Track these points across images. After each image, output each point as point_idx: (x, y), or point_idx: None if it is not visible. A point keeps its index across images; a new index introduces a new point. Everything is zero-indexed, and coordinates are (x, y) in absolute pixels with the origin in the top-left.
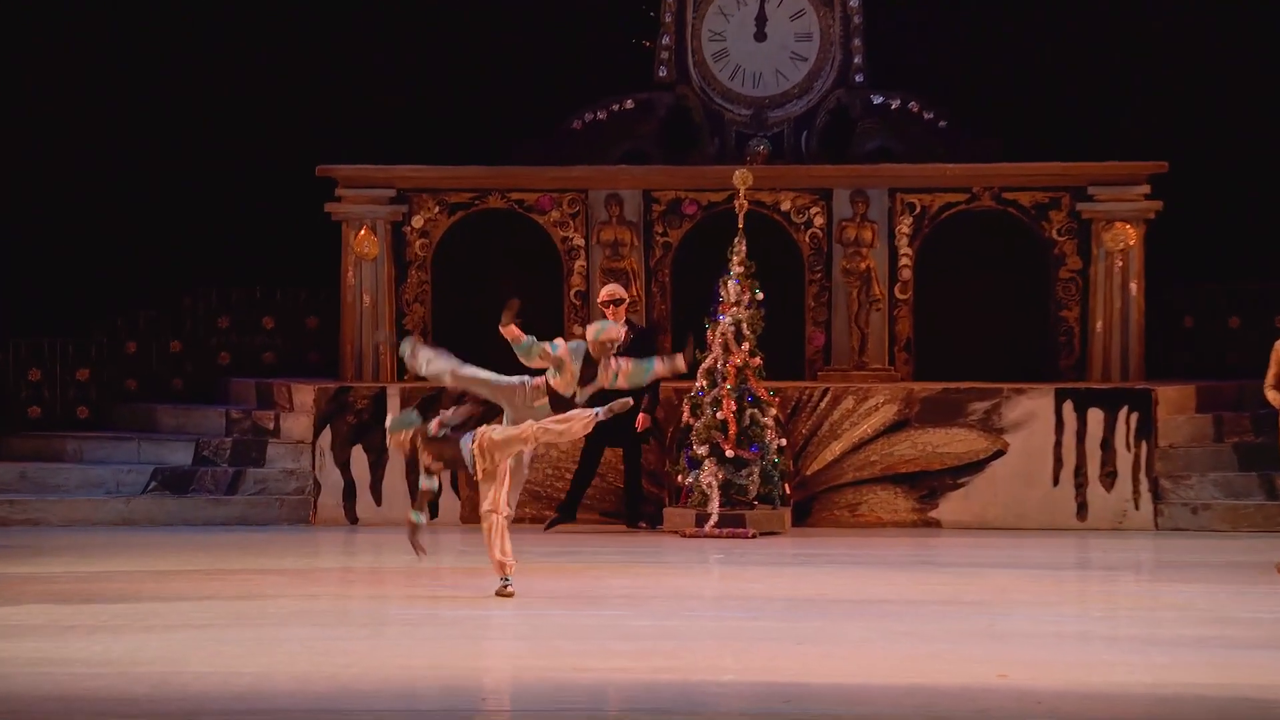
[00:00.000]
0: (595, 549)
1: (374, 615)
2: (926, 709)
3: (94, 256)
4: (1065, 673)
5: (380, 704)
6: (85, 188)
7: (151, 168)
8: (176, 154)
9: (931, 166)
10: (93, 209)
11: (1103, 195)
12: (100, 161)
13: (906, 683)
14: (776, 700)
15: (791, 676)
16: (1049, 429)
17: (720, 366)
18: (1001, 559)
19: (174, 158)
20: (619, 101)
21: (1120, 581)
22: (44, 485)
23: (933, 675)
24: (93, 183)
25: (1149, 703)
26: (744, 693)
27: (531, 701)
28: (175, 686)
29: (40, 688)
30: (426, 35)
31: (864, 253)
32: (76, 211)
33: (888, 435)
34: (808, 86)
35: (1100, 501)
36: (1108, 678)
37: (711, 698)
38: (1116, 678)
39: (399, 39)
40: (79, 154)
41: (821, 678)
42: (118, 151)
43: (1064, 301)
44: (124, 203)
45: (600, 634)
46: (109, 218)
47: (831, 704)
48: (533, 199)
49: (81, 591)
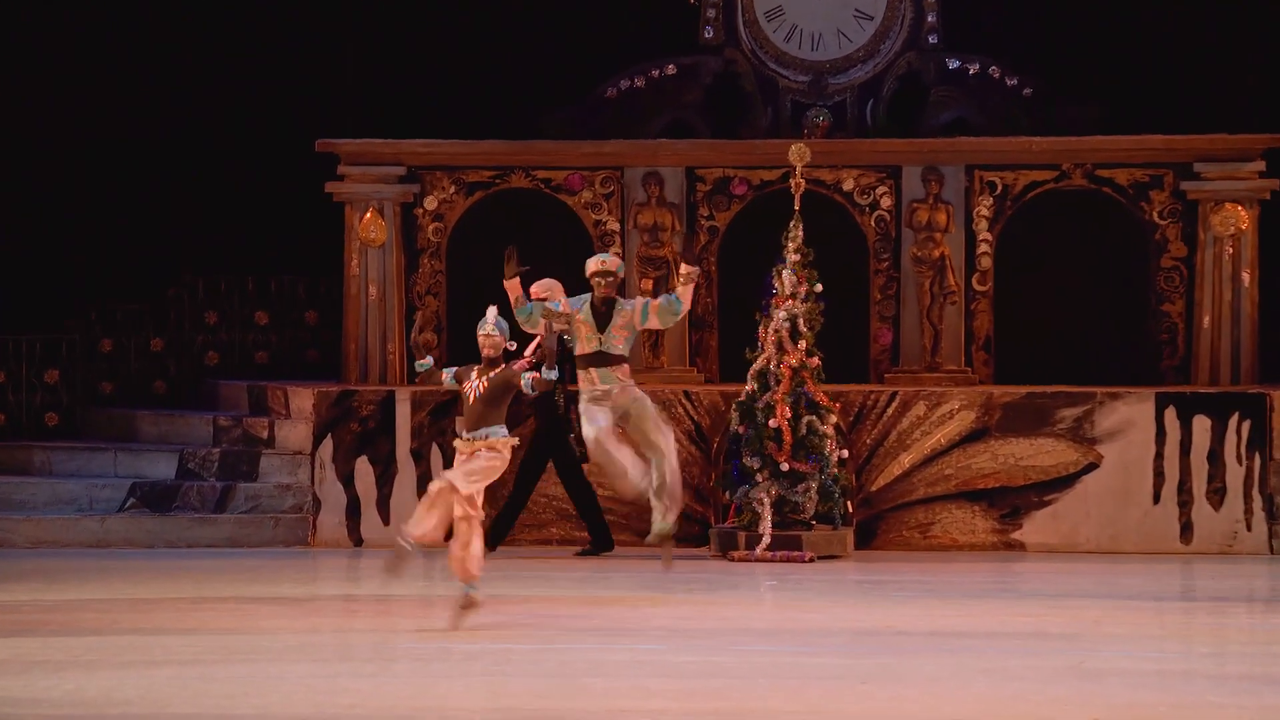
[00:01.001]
0: (630, 574)
1: (381, 650)
2: None
3: (66, 243)
4: (1166, 716)
5: None
6: (56, 167)
7: (131, 144)
8: (158, 128)
9: (1015, 140)
10: (65, 192)
11: (1211, 173)
12: (73, 139)
13: None
14: None
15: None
16: (1149, 439)
17: (773, 368)
18: (1094, 587)
19: (156, 132)
20: (659, 67)
21: (1230, 613)
22: (7, 502)
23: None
24: (65, 162)
25: None
26: None
27: None
28: None
29: None
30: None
31: (937, 238)
32: (46, 195)
33: (964, 446)
34: (874, 49)
35: (1207, 522)
36: None
37: None
38: None
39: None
40: (49, 130)
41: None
42: (92, 127)
43: (1166, 294)
44: (99, 184)
45: (636, 671)
46: (82, 200)
47: None
48: (561, 177)
49: (50, 623)
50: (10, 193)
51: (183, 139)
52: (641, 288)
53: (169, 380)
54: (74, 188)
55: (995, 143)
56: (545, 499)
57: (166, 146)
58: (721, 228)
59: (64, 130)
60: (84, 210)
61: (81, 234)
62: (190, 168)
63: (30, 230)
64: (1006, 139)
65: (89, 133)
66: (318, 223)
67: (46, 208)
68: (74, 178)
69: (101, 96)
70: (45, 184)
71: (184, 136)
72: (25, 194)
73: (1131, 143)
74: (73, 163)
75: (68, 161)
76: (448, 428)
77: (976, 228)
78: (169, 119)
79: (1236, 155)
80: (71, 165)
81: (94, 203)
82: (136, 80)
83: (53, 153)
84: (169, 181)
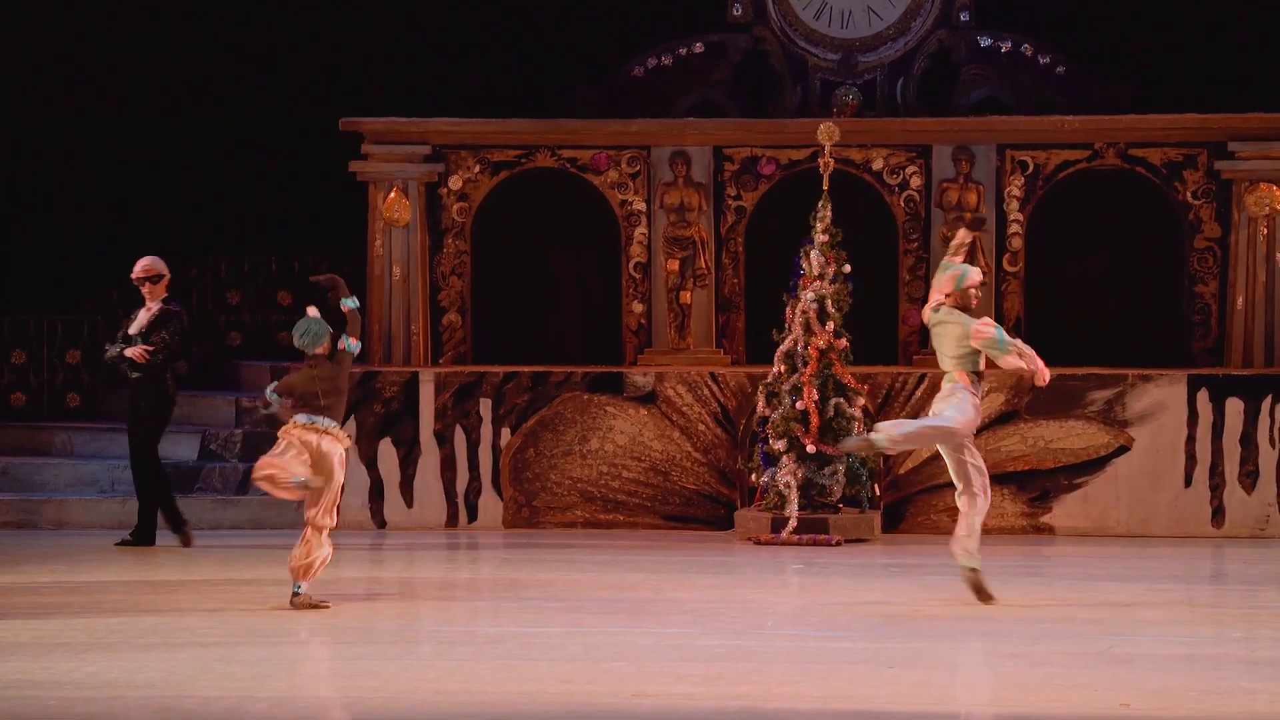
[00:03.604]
0: (656, 557)
1: (404, 633)
2: None
3: (87, 223)
4: (1197, 701)
5: None
6: (77, 147)
7: (153, 124)
8: (181, 106)
9: (1047, 119)
10: (86, 170)
11: (1246, 152)
12: (94, 117)
13: (1014, 713)
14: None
15: (881, 705)
16: (1180, 422)
17: (801, 349)
18: (1124, 571)
19: (178, 112)
20: (686, 45)
21: (1261, 597)
22: (29, 483)
23: (1044, 704)
24: (86, 141)
25: None
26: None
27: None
28: (179, 713)
29: (25, 713)
30: None
31: (968, 218)
32: (67, 173)
33: (994, 428)
34: (904, 27)
35: (1239, 505)
36: (1246, 707)
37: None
38: (1257, 707)
39: None
40: (71, 109)
41: (915, 706)
42: (114, 105)
43: (1199, 275)
44: (120, 162)
45: (662, 655)
46: (103, 179)
47: None
48: (587, 157)
49: (72, 604)
50: (33, 174)
51: (206, 119)
52: (667, 268)
53: (191, 361)
54: (97, 169)
55: (1027, 122)
56: (570, 481)
57: (188, 126)
58: (749, 208)
59: (87, 111)
60: (106, 191)
61: (103, 214)
62: (213, 148)
63: (52, 211)
64: (1038, 118)
65: (111, 114)
66: (342, 202)
67: (68, 189)
68: (97, 159)
69: (124, 77)
70: (68, 165)
71: (207, 116)
72: (47, 175)
73: (1165, 122)
74: (95, 144)
75: (90, 142)
76: (471, 409)
77: (1008, 208)
78: (191, 99)
79: (1272, 134)
80: (94, 146)
81: (116, 183)
82: (160, 60)
83: (75, 134)
84: (192, 161)
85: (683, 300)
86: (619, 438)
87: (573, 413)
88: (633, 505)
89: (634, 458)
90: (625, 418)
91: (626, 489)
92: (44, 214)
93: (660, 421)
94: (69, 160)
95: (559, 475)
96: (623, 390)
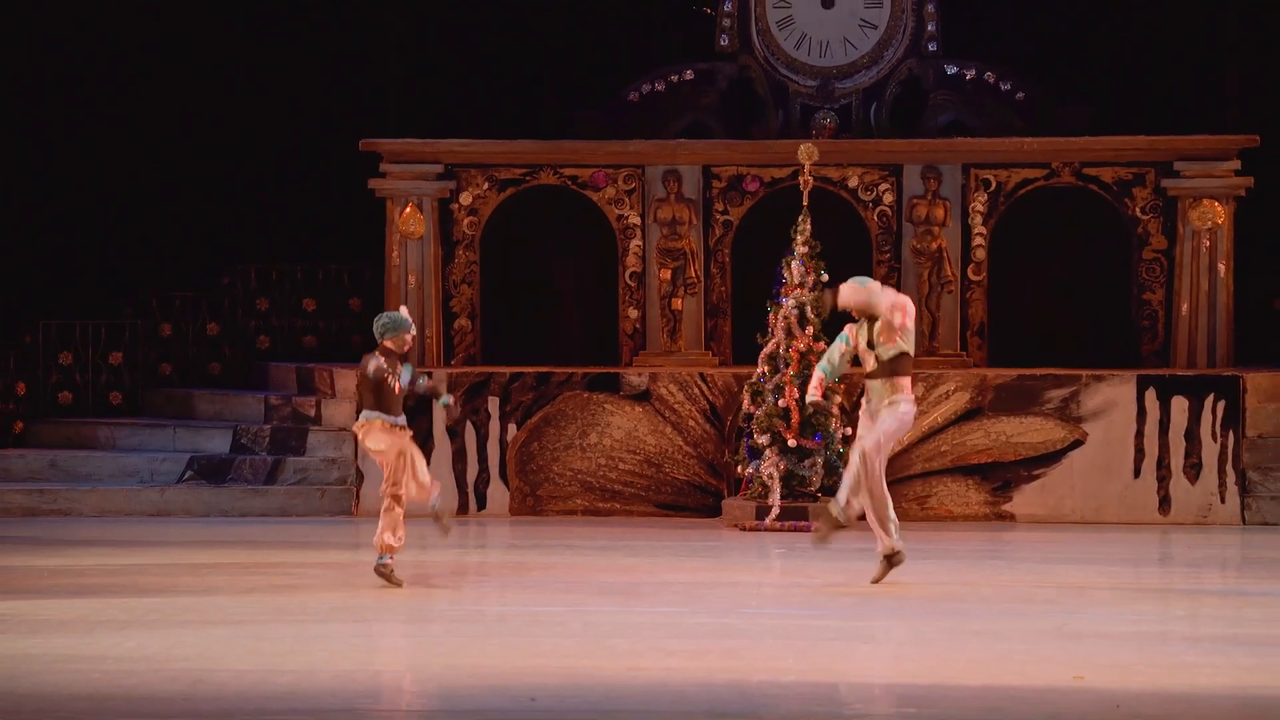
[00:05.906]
0: (650, 542)
1: (419, 611)
2: (998, 712)
3: (127, 234)
4: (1145, 675)
5: (425, 704)
6: (119, 162)
7: (188, 141)
8: (214, 127)
9: (1008, 141)
10: (126, 184)
11: (1190, 171)
12: (134, 134)
13: (978, 684)
14: (841, 703)
15: (857, 677)
16: (1130, 418)
17: (783, 351)
18: (1079, 555)
19: (211, 130)
20: (678, 72)
21: (1204, 579)
22: (75, 474)
23: (1005, 677)
24: (126, 157)
25: (1233, 706)
26: (806, 694)
27: (582, 702)
28: (212, 685)
29: (70, 686)
30: (476, 2)
31: (936, 232)
32: (109, 187)
33: (959, 424)
34: (877, 56)
35: (1184, 495)
36: (1190, 680)
37: (772, 700)
38: (1200, 680)
39: (447, 6)
40: (111, 127)
41: (888, 679)
42: (152, 124)
43: (1147, 283)
44: (159, 178)
45: (655, 632)
46: (143, 193)
47: (898, 706)
48: (587, 175)
49: (114, 585)
50: (77, 188)
51: (237, 138)
52: (660, 277)
53: (223, 362)
54: (135, 184)
55: (990, 143)
56: (571, 472)
57: (221, 145)
58: (735, 221)
59: (131, 133)
60: (144, 204)
61: (143, 227)
62: (243, 165)
63: (95, 223)
64: (1000, 140)
65: (151, 134)
66: (361, 217)
67: (110, 202)
68: (136, 175)
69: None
70: (109, 180)
71: (238, 136)
72: (91, 190)
73: (1117, 143)
74: (135, 160)
75: (131, 159)
76: (480, 406)
77: (972, 222)
78: (224, 120)
79: (1214, 155)
80: (134, 163)
81: (154, 197)
82: (195, 84)
83: (116, 152)
84: (224, 178)
85: (674, 306)
86: (616, 433)
87: (573, 410)
88: (629, 495)
89: (630, 451)
90: (622, 414)
91: (623, 480)
92: (90, 225)
93: (654, 418)
94: (113, 177)
95: (561, 467)
96: (619, 389)
